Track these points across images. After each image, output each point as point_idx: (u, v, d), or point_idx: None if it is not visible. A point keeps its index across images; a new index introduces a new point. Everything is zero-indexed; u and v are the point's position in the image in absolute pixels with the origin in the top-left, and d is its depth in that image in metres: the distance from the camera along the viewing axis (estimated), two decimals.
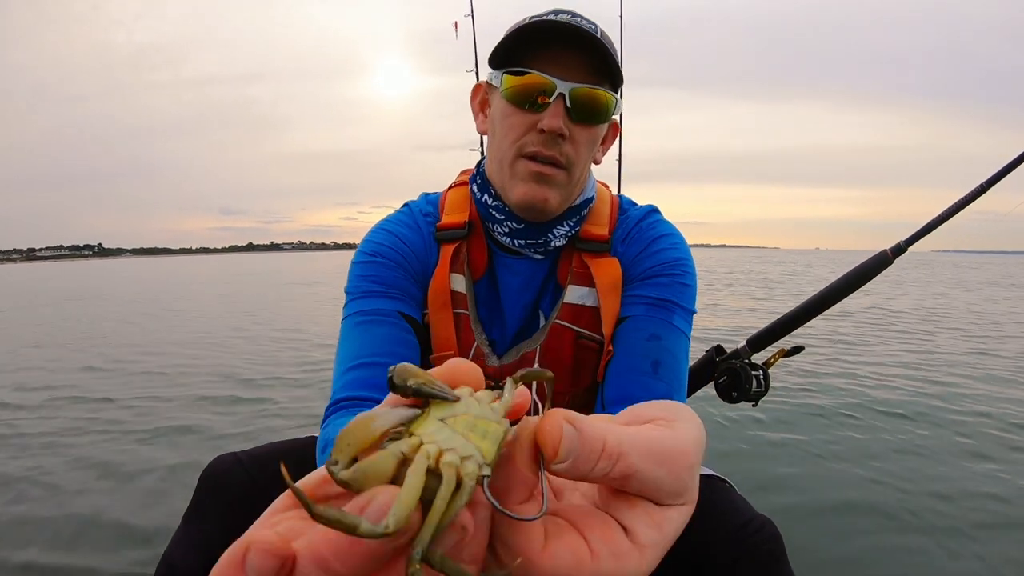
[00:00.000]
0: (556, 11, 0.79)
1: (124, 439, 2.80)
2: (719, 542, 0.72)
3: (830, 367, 4.40)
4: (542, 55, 0.76)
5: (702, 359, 1.44)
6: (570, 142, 0.78)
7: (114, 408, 3.38)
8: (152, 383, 4.02)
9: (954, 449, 2.70)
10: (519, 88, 0.77)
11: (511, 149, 0.80)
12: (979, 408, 3.38)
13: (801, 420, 3.09)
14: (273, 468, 0.90)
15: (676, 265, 0.86)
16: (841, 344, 5.33)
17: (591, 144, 0.82)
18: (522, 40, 0.76)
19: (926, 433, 2.92)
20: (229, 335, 6.28)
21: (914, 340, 5.82)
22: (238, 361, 4.74)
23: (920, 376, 4.18)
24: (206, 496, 0.87)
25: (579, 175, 0.83)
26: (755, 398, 1.34)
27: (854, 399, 3.52)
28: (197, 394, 3.67)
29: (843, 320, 7.03)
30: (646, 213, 0.93)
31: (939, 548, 1.80)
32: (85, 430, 2.95)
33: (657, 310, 0.83)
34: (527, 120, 0.78)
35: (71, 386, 3.94)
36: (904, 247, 1.32)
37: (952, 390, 3.77)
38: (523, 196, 0.80)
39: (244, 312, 8.86)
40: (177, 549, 0.84)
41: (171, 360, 4.83)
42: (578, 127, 0.78)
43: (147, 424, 3.03)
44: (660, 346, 0.81)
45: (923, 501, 2.13)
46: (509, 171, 0.81)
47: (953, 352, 5.14)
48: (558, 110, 0.76)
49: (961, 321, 7.57)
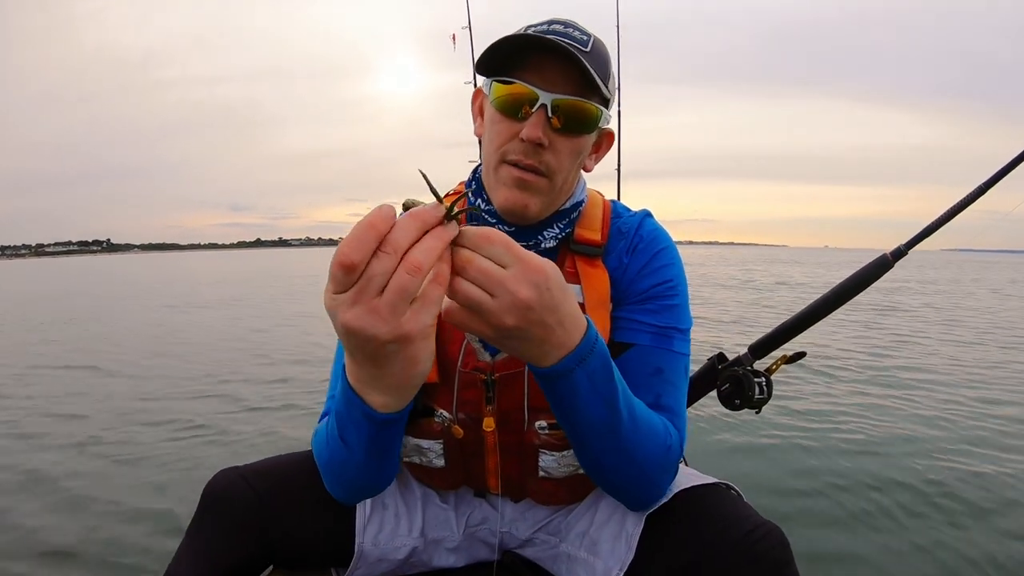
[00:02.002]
0: (551, 21, 0.81)
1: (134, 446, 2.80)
2: (726, 549, 0.72)
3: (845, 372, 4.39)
4: (530, 65, 0.78)
5: (704, 367, 1.44)
6: (551, 151, 0.80)
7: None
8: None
9: (970, 450, 2.69)
10: (505, 97, 0.79)
11: (496, 154, 0.82)
12: (994, 408, 3.37)
13: (808, 424, 3.08)
14: (276, 482, 0.90)
15: (675, 286, 0.88)
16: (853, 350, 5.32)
17: (575, 154, 0.83)
18: (513, 50, 0.78)
19: (939, 435, 2.91)
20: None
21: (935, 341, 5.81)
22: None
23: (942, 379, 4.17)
24: (209, 511, 0.87)
25: (562, 183, 0.84)
26: (758, 405, 1.33)
27: (865, 402, 3.51)
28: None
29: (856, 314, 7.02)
30: (642, 219, 0.93)
31: (950, 551, 1.79)
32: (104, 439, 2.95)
33: (660, 339, 0.84)
34: (511, 128, 0.80)
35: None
36: (904, 250, 1.32)
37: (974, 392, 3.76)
38: (504, 201, 0.83)
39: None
40: (181, 564, 0.84)
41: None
42: (560, 137, 0.80)
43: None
44: (663, 379, 0.83)
45: (933, 505, 2.11)
46: (494, 175, 0.84)
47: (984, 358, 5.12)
48: (538, 120, 0.77)
49: (967, 321, 7.55)
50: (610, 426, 0.69)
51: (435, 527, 0.98)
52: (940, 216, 1.32)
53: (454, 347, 0.86)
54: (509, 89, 0.78)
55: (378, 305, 0.47)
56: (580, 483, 0.90)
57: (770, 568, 0.70)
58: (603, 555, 0.86)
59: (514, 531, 1.00)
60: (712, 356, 1.43)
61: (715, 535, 0.74)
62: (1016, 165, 1.27)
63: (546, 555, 0.98)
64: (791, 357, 1.40)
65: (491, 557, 1.02)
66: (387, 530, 0.93)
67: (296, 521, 0.88)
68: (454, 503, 1.01)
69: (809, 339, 1.38)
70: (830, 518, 2.03)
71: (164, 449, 2.88)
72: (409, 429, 0.90)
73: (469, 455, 0.90)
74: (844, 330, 6.62)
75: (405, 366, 0.54)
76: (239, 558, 0.86)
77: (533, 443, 0.86)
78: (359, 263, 0.46)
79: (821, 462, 2.57)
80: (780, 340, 1.40)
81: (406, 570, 0.97)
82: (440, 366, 0.87)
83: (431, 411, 0.88)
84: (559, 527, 0.97)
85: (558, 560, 0.95)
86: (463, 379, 0.86)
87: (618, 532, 0.85)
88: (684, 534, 0.77)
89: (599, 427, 0.68)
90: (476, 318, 0.56)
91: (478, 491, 1.00)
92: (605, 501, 0.91)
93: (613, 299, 0.88)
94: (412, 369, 0.54)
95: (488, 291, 0.54)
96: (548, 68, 0.77)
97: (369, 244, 0.46)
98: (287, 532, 0.88)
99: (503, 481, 0.92)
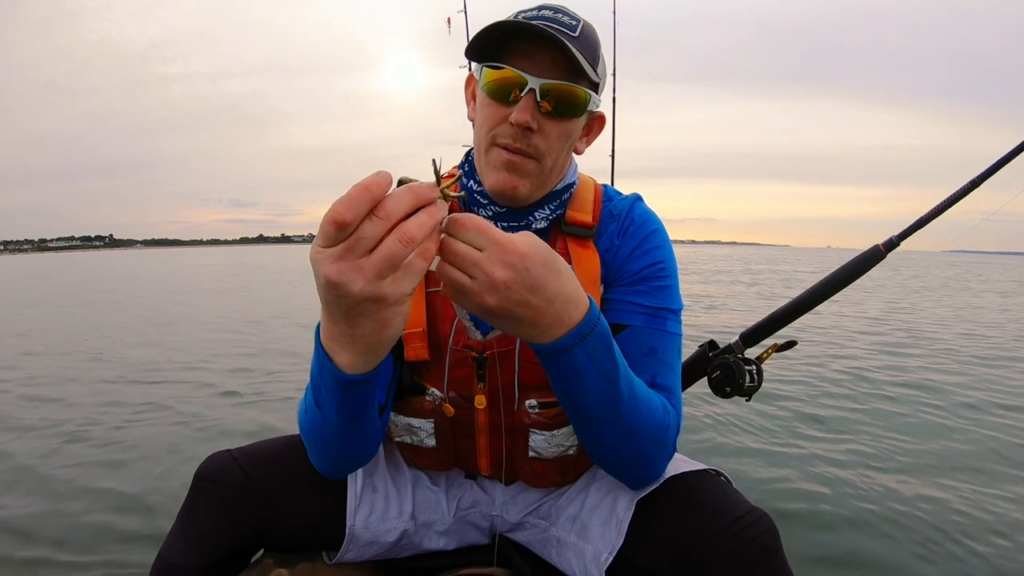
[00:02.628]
0: (541, 6, 0.82)
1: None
2: (716, 535, 0.73)
3: (830, 362, 4.43)
4: (520, 50, 0.79)
5: (695, 354, 1.44)
6: (540, 135, 0.81)
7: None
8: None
9: (959, 447, 2.73)
10: (495, 81, 0.80)
11: (486, 138, 0.83)
12: (981, 403, 3.42)
13: (799, 415, 3.11)
14: (268, 465, 0.90)
15: (666, 267, 0.89)
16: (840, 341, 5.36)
17: (564, 137, 0.84)
18: (502, 35, 0.79)
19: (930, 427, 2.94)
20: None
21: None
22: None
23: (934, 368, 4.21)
24: (200, 494, 0.87)
25: (552, 165, 0.85)
26: (748, 393, 1.34)
27: (853, 393, 3.55)
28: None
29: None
30: (633, 202, 0.94)
31: (939, 547, 1.82)
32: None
33: (653, 320, 0.86)
34: (501, 112, 0.81)
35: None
36: (896, 242, 1.33)
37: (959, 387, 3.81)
38: (495, 183, 0.84)
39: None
40: (172, 547, 0.84)
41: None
42: (549, 121, 0.81)
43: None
44: (657, 359, 0.84)
45: (925, 499, 2.15)
46: (485, 158, 0.85)
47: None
48: (527, 104, 0.78)
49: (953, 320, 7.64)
50: (610, 404, 0.70)
51: (425, 510, 0.98)
52: (932, 209, 1.33)
53: (445, 325, 0.87)
54: (499, 74, 0.79)
55: (363, 264, 0.50)
56: (570, 465, 0.91)
57: (759, 554, 0.71)
58: (593, 539, 0.86)
59: (505, 515, 1.01)
60: (703, 343, 1.44)
61: (705, 521, 0.75)
62: (1011, 159, 1.28)
63: (536, 539, 0.99)
64: (782, 346, 1.41)
65: (482, 541, 1.03)
66: (377, 513, 0.94)
67: (287, 504, 0.88)
68: (445, 486, 1.01)
69: (800, 327, 1.39)
70: (818, 509, 2.06)
71: (154, 435, 2.87)
72: (400, 408, 0.91)
73: (460, 435, 0.91)
74: (833, 320, 6.68)
75: (376, 327, 0.56)
76: (230, 541, 0.86)
77: (524, 422, 0.87)
78: (351, 222, 0.49)
79: (810, 451, 2.60)
80: (772, 328, 1.41)
81: (396, 553, 0.98)
82: (431, 344, 0.88)
83: (422, 389, 0.88)
84: (549, 511, 0.98)
85: (548, 544, 0.96)
86: (454, 357, 0.87)
87: (608, 517, 0.86)
88: (674, 520, 0.78)
89: (600, 405, 0.69)
90: (462, 298, 0.60)
91: (469, 473, 1.01)
92: (596, 485, 0.92)
93: (604, 280, 0.89)
94: (383, 332, 0.57)
95: (466, 272, 0.58)
96: (537, 53, 0.78)
97: (363, 206, 0.49)
98: (278, 515, 0.88)
99: (493, 462, 0.93)
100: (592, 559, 0.85)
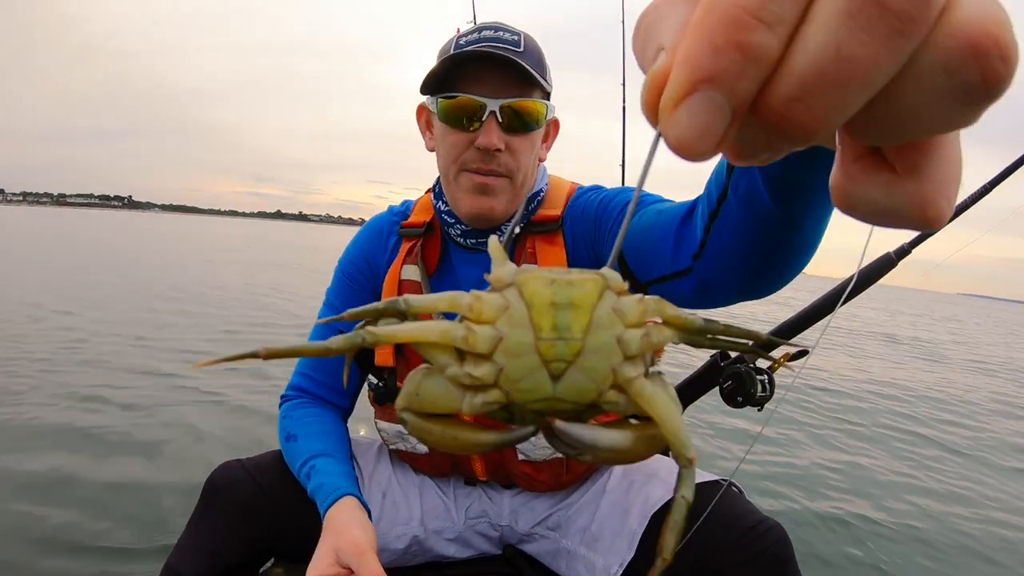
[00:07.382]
0: (480, 27, 0.84)
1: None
2: (728, 546, 0.72)
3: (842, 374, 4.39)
4: (470, 76, 0.80)
5: (706, 364, 1.43)
6: (508, 153, 0.82)
7: None
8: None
9: (968, 458, 2.69)
10: (452, 110, 0.81)
11: (454, 165, 0.84)
12: (985, 422, 3.37)
13: (812, 424, 3.08)
14: (278, 474, 0.90)
15: (610, 193, 0.87)
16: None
17: (530, 149, 0.85)
18: (450, 65, 0.80)
19: (938, 443, 2.90)
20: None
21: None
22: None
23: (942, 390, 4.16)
24: (211, 503, 0.87)
25: (523, 179, 0.86)
26: (760, 403, 1.33)
27: (864, 404, 3.51)
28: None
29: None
30: (593, 187, 0.94)
31: (948, 554, 1.79)
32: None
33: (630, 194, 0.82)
34: (464, 138, 0.82)
35: None
36: (908, 249, 1.31)
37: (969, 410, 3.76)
38: (470, 208, 0.85)
39: None
40: (182, 556, 0.85)
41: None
42: (514, 138, 0.82)
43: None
44: (662, 207, 0.76)
45: (941, 514, 2.11)
46: (454, 184, 0.85)
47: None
48: (491, 127, 0.80)
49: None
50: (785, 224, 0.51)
51: (434, 517, 0.98)
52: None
53: None
54: (455, 102, 0.80)
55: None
56: (561, 467, 0.91)
57: (771, 564, 0.71)
58: (603, 552, 0.86)
59: (514, 525, 1.00)
60: (714, 353, 1.42)
61: (717, 532, 0.74)
62: (1016, 168, 1.26)
63: (546, 550, 0.99)
64: (794, 355, 1.39)
65: (492, 551, 1.03)
66: (386, 519, 0.94)
67: (298, 513, 0.89)
68: (452, 493, 1.01)
69: (811, 337, 1.38)
70: (830, 517, 2.03)
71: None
72: (386, 414, 0.91)
73: None
74: (844, 334, 6.62)
75: None
76: (240, 550, 0.86)
77: None
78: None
79: (823, 460, 2.57)
80: (783, 337, 1.40)
81: (407, 561, 0.98)
82: (397, 349, 0.89)
83: None
84: (560, 522, 0.97)
85: (558, 556, 0.96)
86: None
87: (619, 529, 0.85)
88: (686, 531, 0.77)
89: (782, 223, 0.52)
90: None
91: (468, 479, 1.01)
92: (607, 498, 0.91)
93: (594, 239, 0.86)
94: None
95: None
96: (488, 76, 0.80)
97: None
98: (289, 524, 0.88)
99: (488, 467, 0.94)
100: (602, 571, 0.84)
